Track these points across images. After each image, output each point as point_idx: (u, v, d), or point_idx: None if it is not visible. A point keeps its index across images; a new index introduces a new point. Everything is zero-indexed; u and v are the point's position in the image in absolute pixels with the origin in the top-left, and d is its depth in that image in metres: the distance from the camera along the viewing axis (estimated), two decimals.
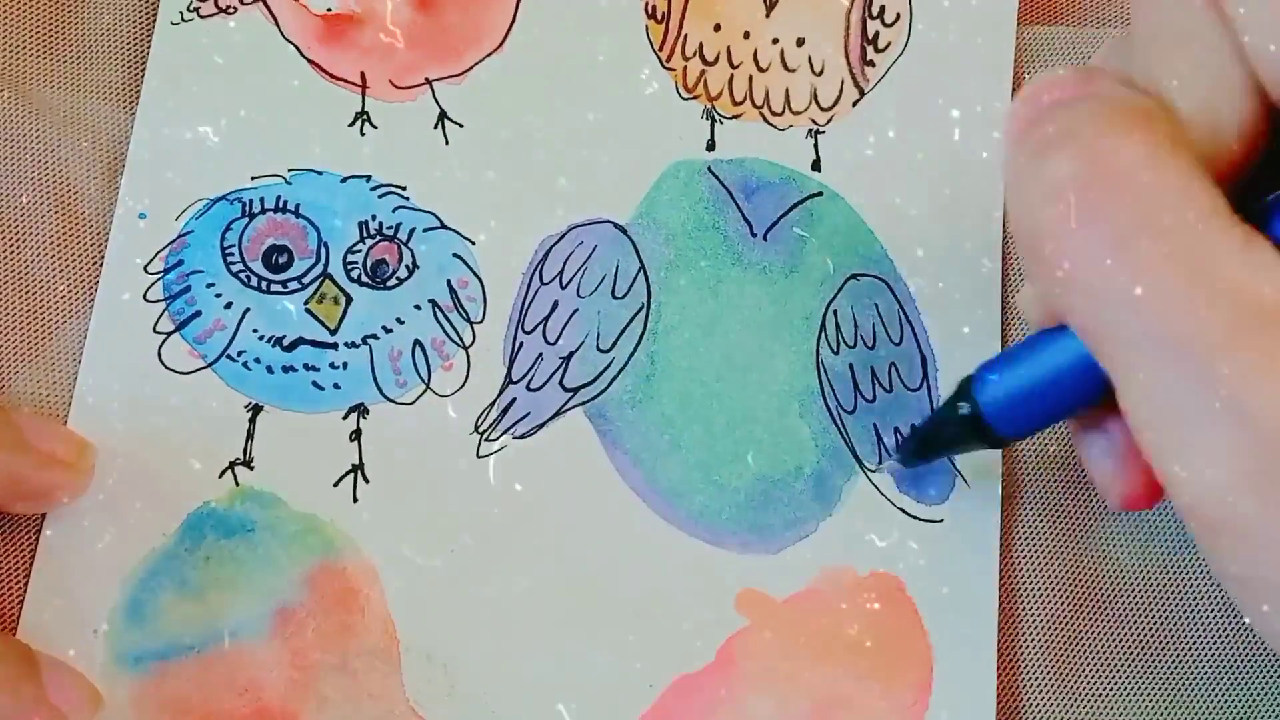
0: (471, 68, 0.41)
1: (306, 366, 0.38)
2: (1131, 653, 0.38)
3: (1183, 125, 0.28)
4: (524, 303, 0.39)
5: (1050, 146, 0.28)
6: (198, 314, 0.38)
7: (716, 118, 0.41)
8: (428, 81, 0.40)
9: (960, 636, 0.37)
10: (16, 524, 0.36)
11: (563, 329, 0.39)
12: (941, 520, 0.38)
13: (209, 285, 0.38)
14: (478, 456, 0.37)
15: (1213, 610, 0.38)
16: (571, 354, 0.38)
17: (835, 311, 0.39)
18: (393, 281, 0.38)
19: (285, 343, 0.38)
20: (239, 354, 0.38)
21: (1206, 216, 0.26)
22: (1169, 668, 0.37)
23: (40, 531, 0.36)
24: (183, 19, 0.40)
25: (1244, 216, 0.26)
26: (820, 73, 0.41)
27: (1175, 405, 0.26)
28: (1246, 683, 0.37)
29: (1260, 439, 0.25)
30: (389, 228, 0.39)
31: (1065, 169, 0.27)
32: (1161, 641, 0.38)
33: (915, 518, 0.38)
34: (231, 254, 0.38)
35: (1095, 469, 0.33)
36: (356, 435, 0.37)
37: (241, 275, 0.38)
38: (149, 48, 0.40)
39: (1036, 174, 0.28)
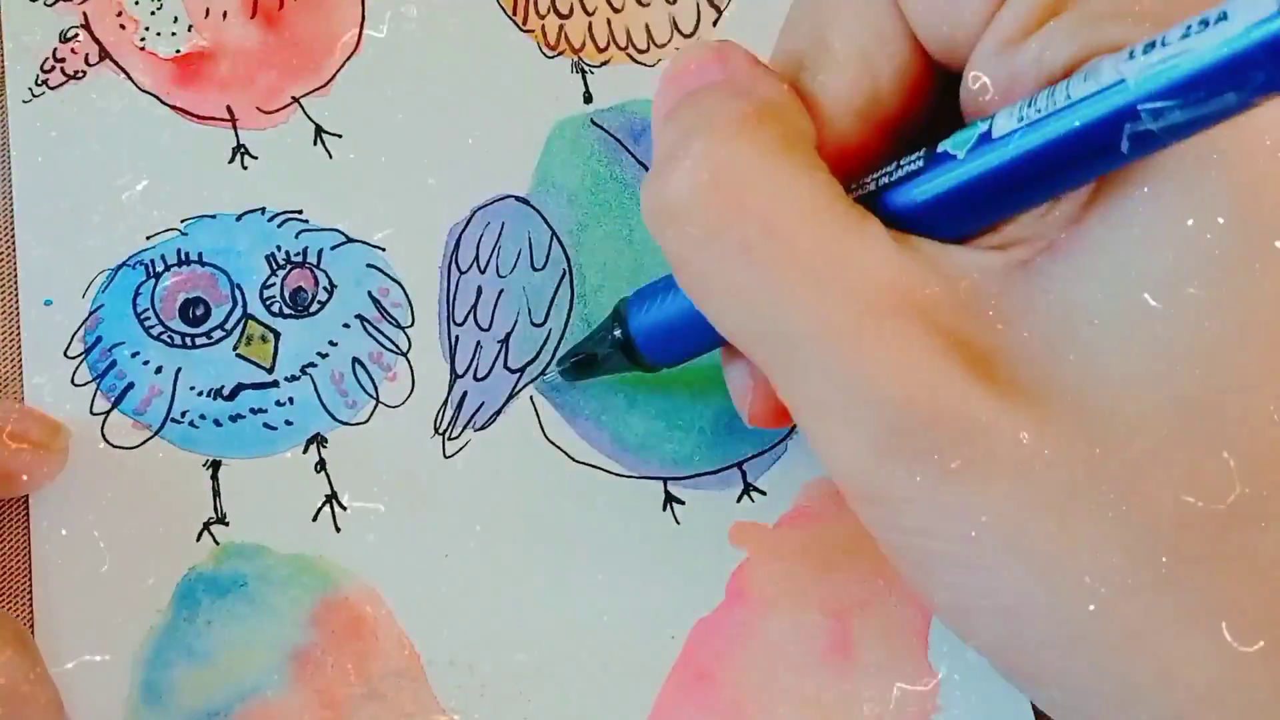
0: (334, 76, 0.40)
1: (253, 410, 0.37)
2: None
3: (802, 113, 0.30)
4: (449, 296, 0.39)
5: (678, 172, 0.28)
6: (130, 386, 0.37)
7: (586, 69, 0.41)
8: (295, 100, 0.40)
9: None
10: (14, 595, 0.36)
11: (493, 312, 0.39)
12: None
13: (134, 354, 0.37)
14: (445, 457, 0.38)
15: None
16: (508, 335, 0.39)
17: None
18: (315, 306, 0.38)
19: (226, 392, 0.37)
20: (183, 414, 0.37)
21: (820, 213, 0.28)
22: None
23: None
24: (33, 95, 0.39)
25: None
26: (674, 1, 0.42)
27: (817, 396, 0.28)
28: None
29: (886, 418, 0.27)
30: (297, 254, 0.39)
31: (687, 188, 0.28)
32: None
33: None
34: (147, 318, 0.38)
35: (733, 390, 0.34)
36: (321, 466, 0.37)
37: (164, 337, 0.38)
38: (6, 132, 0.39)
39: (661, 191, 0.29)
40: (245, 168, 0.39)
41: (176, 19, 0.40)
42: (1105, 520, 0.26)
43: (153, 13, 0.40)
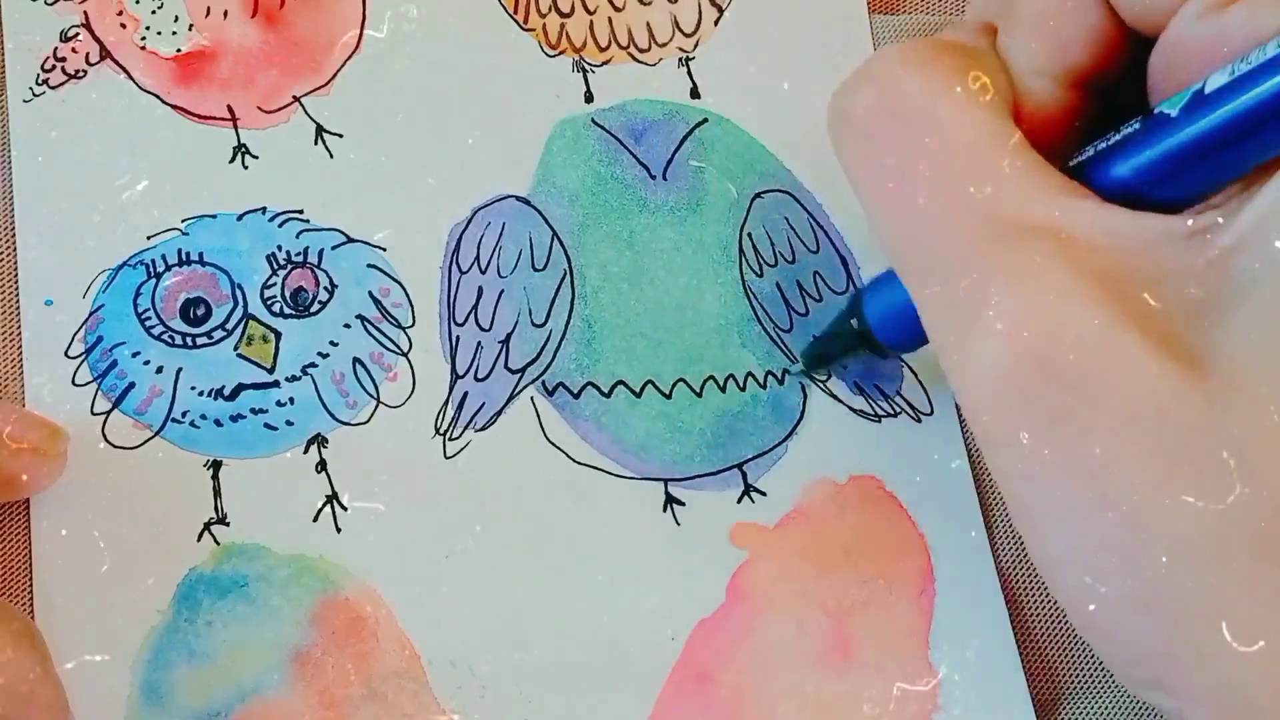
0: (335, 75, 0.40)
1: (254, 411, 0.37)
2: None
3: (989, 54, 0.31)
4: (449, 296, 0.39)
5: (854, 85, 0.31)
6: (131, 386, 0.37)
7: (587, 68, 0.41)
8: (296, 99, 0.40)
9: (947, 518, 0.38)
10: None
11: (494, 312, 0.39)
12: (899, 413, 0.39)
13: (134, 354, 0.37)
14: (446, 458, 0.38)
15: None
16: (509, 335, 0.39)
17: (749, 235, 0.40)
18: (316, 306, 0.38)
19: (226, 392, 0.37)
20: (184, 415, 0.37)
21: (982, 143, 0.29)
22: None
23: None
24: (34, 95, 0.39)
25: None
26: (676, 0, 0.42)
27: (947, 319, 0.29)
28: None
29: (1007, 348, 0.27)
30: (298, 254, 0.39)
31: (860, 102, 0.31)
32: None
33: (875, 415, 0.39)
34: (148, 318, 0.38)
35: None
36: (322, 466, 0.37)
37: (164, 337, 0.38)
38: (6, 132, 0.39)
39: (844, 113, 0.31)
40: (246, 167, 0.39)
41: (177, 18, 0.40)
42: (1206, 486, 0.27)
43: (153, 12, 0.40)
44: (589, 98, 0.41)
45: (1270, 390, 0.26)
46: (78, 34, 0.39)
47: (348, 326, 0.38)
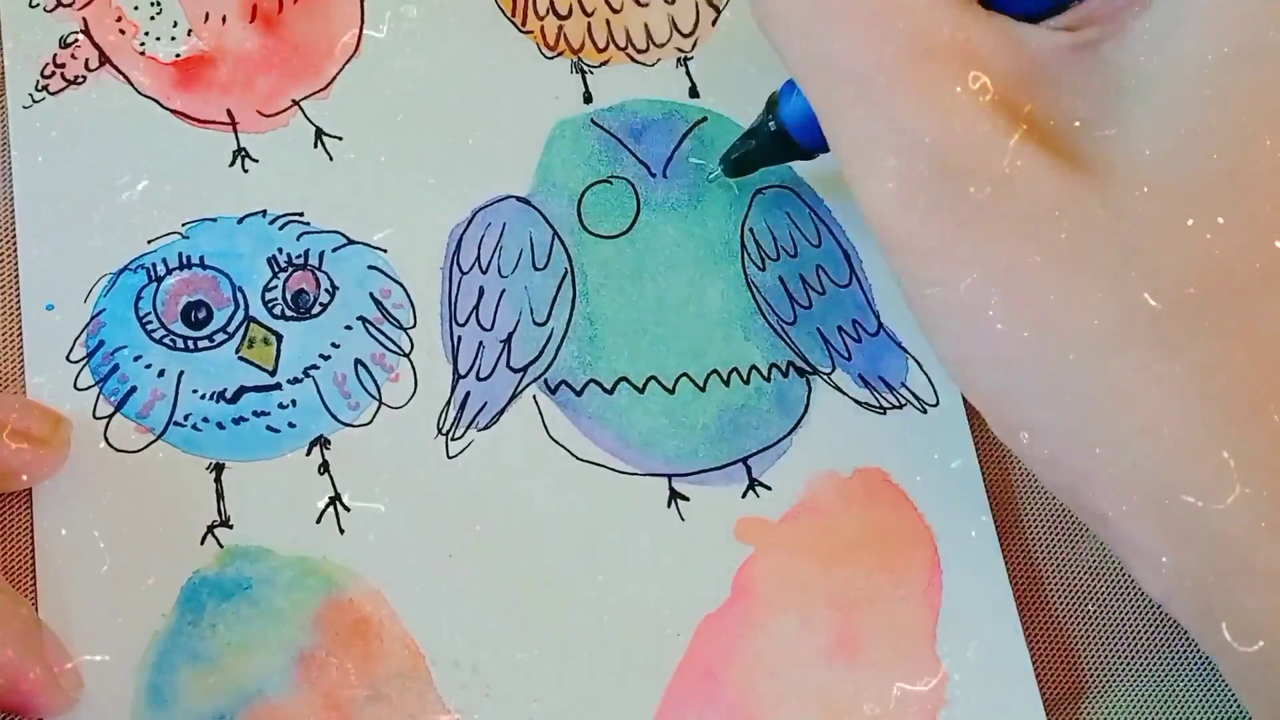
0: (334, 79, 0.40)
1: (256, 413, 0.37)
2: None
3: None
4: (450, 296, 0.39)
5: None
6: (133, 390, 0.37)
7: (586, 69, 0.41)
8: (295, 103, 0.40)
9: (954, 510, 0.38)
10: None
11: (495, 312, 0.39)
12: (904, 405, 0.39)
13: (136, 358, 0.37)
14: (449, 457, 0.37)
15: None
16: (510, 334, 0.38)
17: (751, 230, 0.40)
18: (317, 308, 0.38)
19: (228, 395, 0.37)
20: (186, 418, 0.37)
21: None
22: None
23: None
24: (34, 100, 0.39)
25: None
26: (673, 1, 0.42)
27: (857, 135, 0.30)
28: None
29: (913, 157, 0.29)
30: (298, 257, 0.38)
31: None
32: None
33: (880, 408, 0.39)
34: (149, 322, 0.38)
35: None
36: (325, 468, 0.37)
37: (166, 340, 0.38)
38: (7, 137, 0.39)
39: None
40: (246, 171, 0.39)
41: (176, 23, 0.40)
42: (1108, 280, 0.28)
43: (152, 17, 0.40)
44: (588, 98, 0.41)
45: (1162, 189, 0.28)
46: (77, 40, 0.39)
47: (349, 328, 0.38)
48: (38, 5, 0.39)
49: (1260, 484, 0.27)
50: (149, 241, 0.38)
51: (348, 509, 0.37)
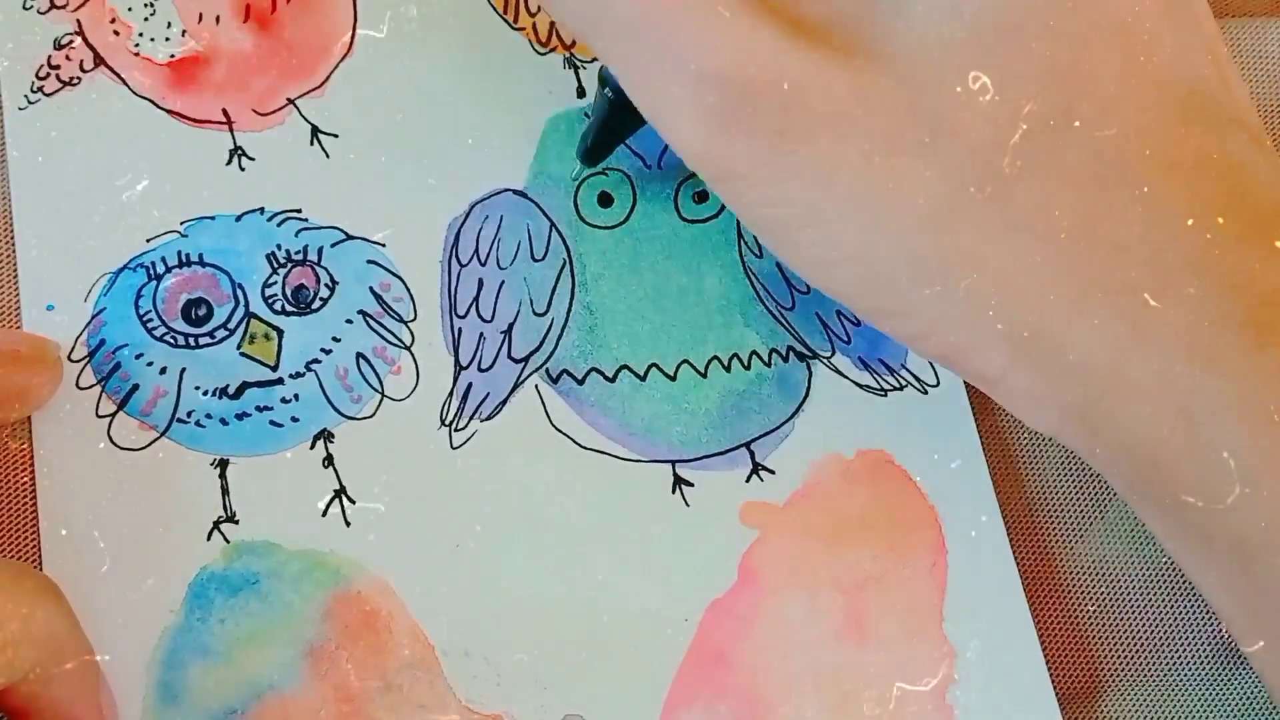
0: (329, 77, 0.40)
1: (259, 408, 0.37)
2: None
3: None
4: (450, 289, 0.39)
5: None
6: (136, 387, 0.37)
7: (578, 64, 0.41)
8: (290, 101, 0.40)
9: (958, 491, 0.38)
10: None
11: (495, 304, 0.39)
12: (905, 386, 0.39)
13: (138, 356, 0.37)
14: (452, 448, 0.38)
15: None
16: (511, 325, 0.39)
17: None
18: (317, 303, 0.38)
19: (231, 391, 0.37)
20: (189, 414, 0.37)
21: None
22: None
23: None
24: (29, 102, 0.39)
25: None
26: None
27: (649, 80, 0.31)
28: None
29: (704, 88, 0.29)
30: (297, 253, 0.39)
31: None
32: None
33: (881, 390, 0.39)
34: (150, 320, 0.38)
35: None
36: (329, 461, 0.37)
37: (167, 338, 0.38)
38: (3, 140, 0.39)
39: None
40: (243, 169, 0.39)
41: (169, 24, 0.40)
42: (923, 152, 0.29)
43: (146, 19, 0.40)
44: (581, 92, 0.41)
45: (946, 56, 0.29)
46: (72, 41, 0.39)
47: (350, 322, 0.38)
48: (31, 7, 0.40)
49: (1108, 306, 0.29)
50: (148, 240, 0.38)
51: (353, 502, 0.37)
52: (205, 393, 0.37)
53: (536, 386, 0.38)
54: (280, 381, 0.38)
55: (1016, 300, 0.30)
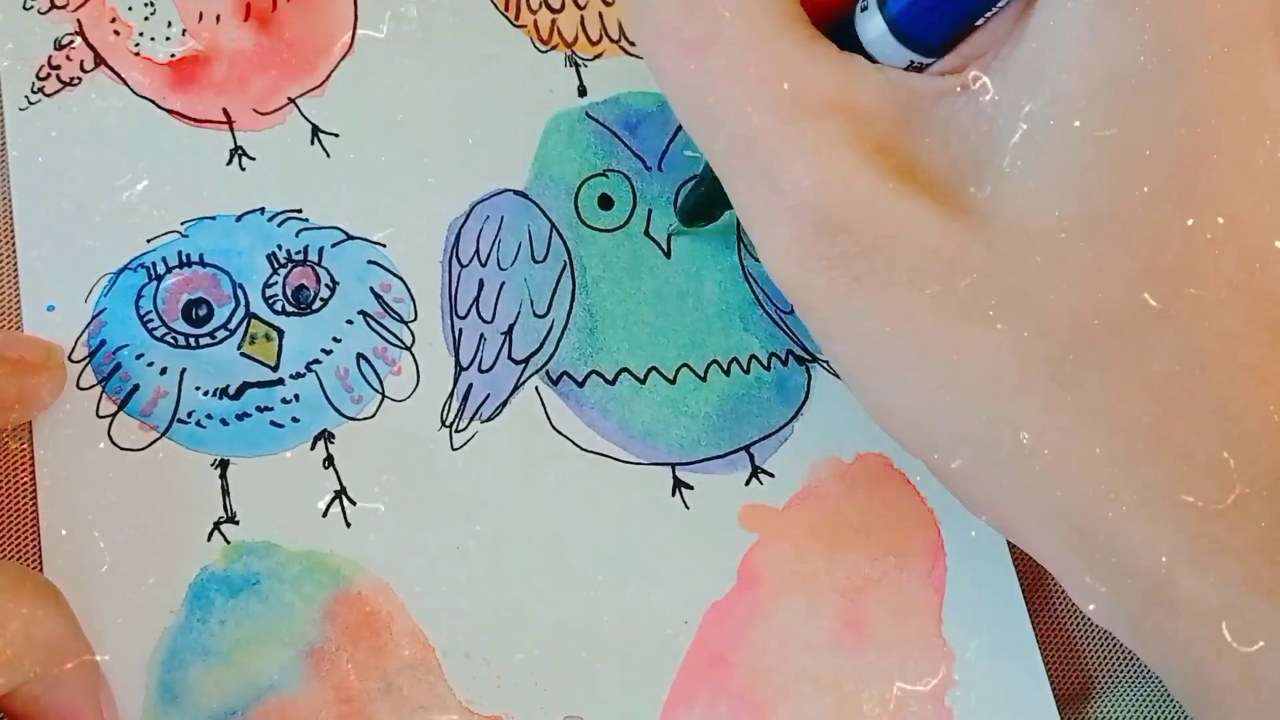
0: (329, 76, 0.40)
1: (259, 409, 0.37)
2: None
3: None
4: (451, 289, 0.39)
5: None
6: (136, 388, 0.37)
7: (580, 62, 0.41)
8: (291, 101, 0.40)
9: None
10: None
11: (496, 304, 0.39)
12: None
13: (138, 356, 0.37)
14: (453, 449, 0.38)
15: None
16: (511, 326, 0.39)
17: None
18: (317, 304, 0.38)
19: (231, 391, 0.37)
20: (189, 415, 0.37)
21: (771, 25, 0.30)
22: None
23: None
24: (30, 103, 0.39)
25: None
26: None
27: (750, 196, 0.30)
28: None
29: (799, 217, 0.29)
30: (297, 253, 0.39)
31: None
32: None
33: None
34: (151, 320, 0.38)
35: None
36: (330, 462, 0.37)
37: (167, 339, 0.38)
38: (4, 140, 0.39)
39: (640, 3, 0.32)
40: (243, 169, 0.39)
41: (170, 24, 0.40)
42: (998, 324, 0.28)
43: (146, 18, 0.40)
44: (582, 91, 0.41)
45: (1043, 231, 0.28)
46: (72, 41, 0.39)
47: (350, 322, 0.38)
48: (31, 8, 0.39)
49: (1169, 516, 0.28)
50: (148, 240, 0.38)
51: (353, 502, 0.37)
52: (206, 393, 0.37)
53: (537, 388, 0.38)
54: (281, 382, 0.38)
55: (1072, 492, 0.29)
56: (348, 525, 0.37)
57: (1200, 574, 0.28)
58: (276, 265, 0.38)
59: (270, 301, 0.38)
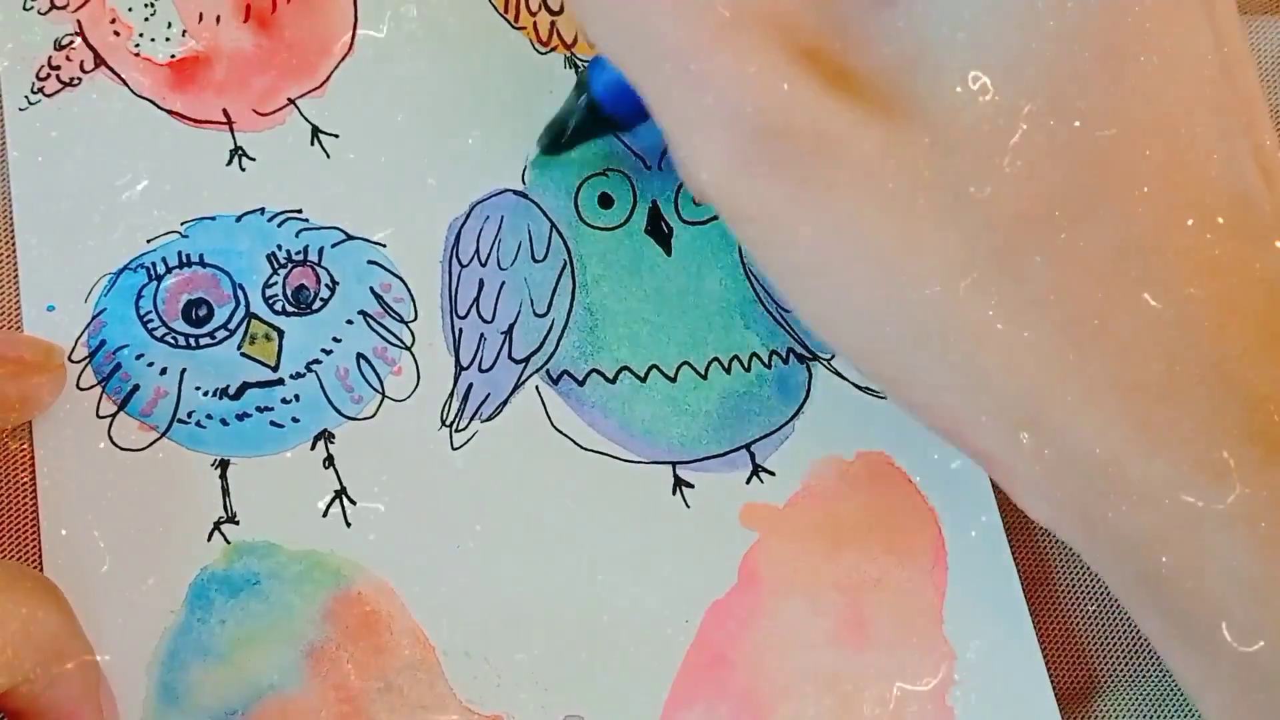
0: (329, 77, 0.40)
1: (259, 409, 0.37)
2: None
3: None
4: (451, 289, 0.39)
5: None
6: (136, 388, 0.37)
7: (579, 63, 0.41)
8: (291, 101, 0.40)
9: (957, 491, 0.38)
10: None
11: (496, 304, 0.39)
12: None
13: (138, 357, 0.37)
14: (453, 449, 0.38)
15: None
16: (511, 326, 0.39)
17: None
18: (317, 304, 0.38)
19: (231, 391, 0.37)
20: (189, 415, 0.37)
21: None
22: None
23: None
24: (30, 103, 0.39)
25: None
26: None
27: (680, 114, 0.30)
28: None
29: (737, 128, 0.29)
30: (297, 253, 0.39)
31: None
32: None
33: (880, 392, 0.39)
34: (151, 320, 0.38)
35: None
36: (330, 462, 0.37)
37: (167, 339, 0.38)
38: (4, 140, 0.39)
39: None
40: (243, 169, 0.39)
41: (170, 24, 0.40)
42: (944, 217, 0.29)
43: (146, 19, 0.40)
44: None
45: (980, 121, 0.29)
46: (72, 42, 0.39)
47: (350, 322, 0.38)
48: (31, 8, 0.39)
49: (1116, 402, 0.29)
50: (148, 241, 0.38)
51: (353, 502, 0.37)
52: (206, 393, 0.37)
53: (537, 387, 0.38)
54: (281, 382, 0.38)
55: (1020, 383, 0.29)
56: (348, 525, 0.37)
57: (1148, 458, 0.29)
58: (276, 265, 0.38)
59: (270, 302, 0.38)
